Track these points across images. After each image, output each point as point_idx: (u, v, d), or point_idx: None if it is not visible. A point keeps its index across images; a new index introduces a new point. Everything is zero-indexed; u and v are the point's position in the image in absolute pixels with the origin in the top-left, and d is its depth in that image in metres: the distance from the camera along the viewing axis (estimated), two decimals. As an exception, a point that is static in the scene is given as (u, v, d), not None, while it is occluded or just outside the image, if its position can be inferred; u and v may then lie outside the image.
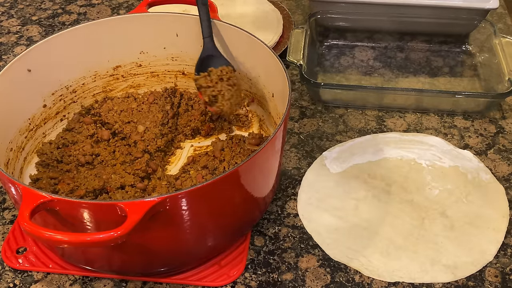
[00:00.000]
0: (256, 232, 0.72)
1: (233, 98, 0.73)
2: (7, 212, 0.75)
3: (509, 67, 0.86)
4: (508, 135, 0.85)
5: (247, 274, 0.67)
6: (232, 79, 0.74)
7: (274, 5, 1.06)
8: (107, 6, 1.14)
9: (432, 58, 0.99)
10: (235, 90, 0.74)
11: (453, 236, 0.70)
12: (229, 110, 0.73)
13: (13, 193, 0.58)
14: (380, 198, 0.75)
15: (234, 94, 0.73)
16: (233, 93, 0.73)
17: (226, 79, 0.73)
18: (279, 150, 0.65)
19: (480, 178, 0.77)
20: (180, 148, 0.81)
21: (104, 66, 0.82)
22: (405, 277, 0.67)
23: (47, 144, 0.77)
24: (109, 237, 0.51)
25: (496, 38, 0.92)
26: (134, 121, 0.80)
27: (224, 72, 0.73)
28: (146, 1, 0.79)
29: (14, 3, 1.16)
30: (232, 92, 0.73)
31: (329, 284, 0.66)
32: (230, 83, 0.73)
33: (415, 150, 0.81)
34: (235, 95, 0.73)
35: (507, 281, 0.66)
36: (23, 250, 0.70)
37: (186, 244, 0.63)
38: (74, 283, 0.67)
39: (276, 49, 0.96)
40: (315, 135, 0.85)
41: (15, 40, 1.05)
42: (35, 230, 0.51)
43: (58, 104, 0.79)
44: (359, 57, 0.99)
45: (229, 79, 0.73)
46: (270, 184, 0.68)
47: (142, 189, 0.72)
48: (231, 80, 0.73)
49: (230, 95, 0.73)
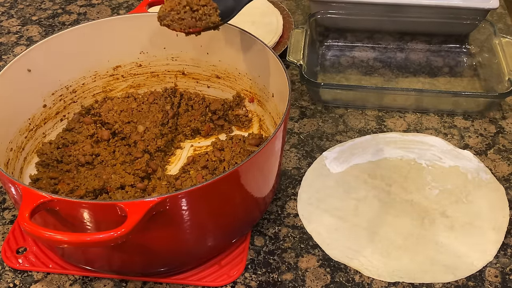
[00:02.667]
0: (256, 232, 0.72)
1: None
2: (7, 212, 0.75)
3: (509, 67, 0.86)
4: (508, 135, 0.85)
5: (247, 274, 0.67)
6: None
7: (274, 5, 1.06)
8: (107, 6, 1.14)
9: (432, 58, 0.99)
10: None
11: (453, 236, 0.70)
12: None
13: (13, 193, 0.58)
14: (380, 198, 0.75)
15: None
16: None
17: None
18: (279, 150, 0.65)
19: (480, 178, 0.77)
20: (180, 148, 0.81)
21: (104, 66, 0.82)
22: (405, 277, 0.67)
23: (47, 144, 0.77)
24: (109, 237, 0.51)
25: (496, 38, 0.92)
26: (134, 121, 0.80)
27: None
28: (146, 1, 0.79)
29: (14, 3, 1.16)
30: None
31: (329, 284, 0.66)
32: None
33: (415, 150, 0.81)
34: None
35: (507, 281, 0.66)
36: (23, 250, 0.70)
37: (186, 244, 0.63)
38: (74, 283, 0.67)
39: (276, 49, 0.96)
40: (315, 135, 0.85)
41: (15, 40, 1.05)
42: (35, 230, 0.51)
43: (58, 104, 0.79)
44: (359, 57, 0.99)
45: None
46: (270, 184, 0.68)
47: (142, 189, 0.71)
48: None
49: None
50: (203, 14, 0.66)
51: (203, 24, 0.67)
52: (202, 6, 0.66)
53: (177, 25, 0.67)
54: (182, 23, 0.67)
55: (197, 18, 0.66)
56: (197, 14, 0.66)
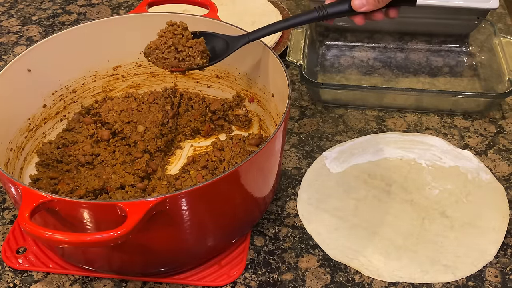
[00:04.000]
0: (256, 232, 0.72)
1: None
2: (7, 212, 0.75)
3: (509, 67, 0.86)
4: (508, 135, 0.85)
5: (247, 274, 0.67)
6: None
7: (274, 5, 1.06)
8: (107, 6, 1.14)
9: (432, 58, 0.99)
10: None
11: (453, 236, 0.70)
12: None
13: (13, 193, 0.58)
14: (380, 198, 0.75)
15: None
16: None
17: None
18: (279, 150, 0.65)
19: (480, 178, 0.77)
20: (180, 148, 0.81)
21: (104, 66, 0.82)
22: (405, 277, 0.67)
23: (47, 144, 0.77)
24: (109, 237, 0.51)
25: (496, 38, 0.92)
26: (134, 121, 0.80)
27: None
28: (146, 1, 0.79)
29: (14, 3, 1.16)
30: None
31: (329, 284, 0.66)
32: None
33: (415, 150, 0.81)
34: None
35: (507, 281, 0.66)
36: (23, 250, 0.70)
37: (186, 244, 0.63)
38: (74, 283, 0.67)
39: (276, 49, 0.96)
40: (315, 135, 0.85)
41: (15, 40, 1.05)
42: (35, 230, 0.51)
43: (58, 104, 0.79)
44: (359, 57, 0.99)
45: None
46: (270, 184, 0.68)
47: (142, 189, 0.72)
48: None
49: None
50: (186, 55, 0.67)
51: (185, 65, 0.68)
52: (187, 47, 0.67)
53: (160, 63, 0.68)
54: (165, 62, 0.68)
55: (180, 59, 0.67)
56: (180, 55, 0.67)
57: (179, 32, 0.67)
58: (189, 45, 0.67)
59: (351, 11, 0.67)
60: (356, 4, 0.65)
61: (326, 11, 0.67)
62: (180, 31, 0.68)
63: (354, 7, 0.66)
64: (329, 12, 0.67)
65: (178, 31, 0.67)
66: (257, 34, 0.69)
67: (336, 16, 0.68)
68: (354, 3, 0.66)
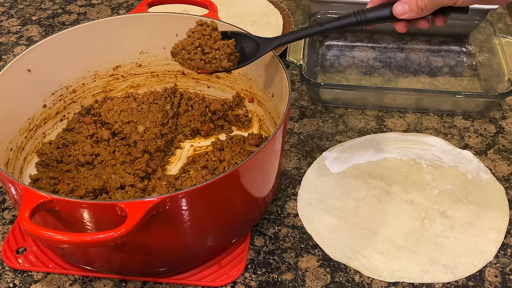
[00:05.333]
0: (256, 232, 0.72)
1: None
2: (7, 212, 0.75)
3: (509, 67, 0.86)
4: (508, 135, 0.85)
5: (247, 274, 0.67)
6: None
7: (274, 5, 1.06)
8: (107, 6, 1.14)
9: (432, 58, 0.99)
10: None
11: (453, 236, 0.70)
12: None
13: (13, 193, 0.58)
14: (380, 198, 0.75)
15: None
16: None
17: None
18: (279, 150, 0.65)
19: (480, 178, 0.77)
20: (180, 148, 0.81)
21: (104, 66, 0.82)
22: (405, 277, 0.67)
23: (47, 144, 0.77)
24: (109, 237, 0.51)
25: (496, 38, 0.92)
26: (134, 121, 0.80)
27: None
28: (146, 1, 0.79)
29: (14, 3, 1.16)
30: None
31: (329, 284, 0.66)
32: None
33: (415, 150, 0.81)
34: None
35: (507, 281, 0.66)
36: (23, 250, 0.70)
37: (186, 244, 0.63)
38: (74, 283, 0.67)
39: (276, 49, 0.96)
40: (315, 135, 0.85)
41: (15, 40, 1.05)
42: (35, 230, 0.51)
43: (58, 104, 0.79)
44: (359, 57, 0.99)
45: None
46: (270, 184, 0.68)
47: (142, 189, 0.72)
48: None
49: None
50: (213, 58, 0.65)
51: (212, 67, 0.66)
52: (215, 49, 0.65)
53: (186, 64, 0.66)
54: (191, 64, 0.66)
55: (206, 61, 0.65)
56: (207, 57, 0.65)
57: (208, 33, 0.65)
58: (216, 47, 0.65)
59: (392, 18, 0.63)
60: (398, 10, 0.61)
61: (365, 16, 0.63)
62: (208, 31, 0.65)
63: (396, 14, 0.62)
64: (368, 17, 0.63)
65: (207, 31, 0.65)
66: (289, 37, 0.67)
67: (376, 22, 0.64)
68: (396, 9, 0.62)
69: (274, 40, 0.67)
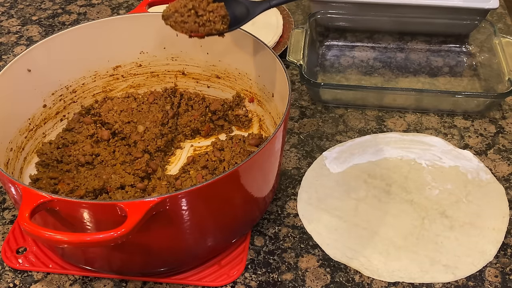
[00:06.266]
0: (256, 232, 0.72)
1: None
2: (7, 212, 0.75)
3: (509, 67, 0.86)
4: (508, 135, 0.85)
5: (247, 274, 0.67)
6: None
7: (274, 5, 1.06)
8: (107, 6, 1.14)
9: (432, 58, 0.99)
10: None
11: (453, 236, 0.70)
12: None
13: (13, 193, 0.58)
14: (380, 198, 0.75)
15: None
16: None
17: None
18: (279, 150, 0.65)
19: (480, 178, 0.77)
20: (180, 148, 0.81)
21: (104, 66, 0.82)
22: (405, 277, 0.67)
23: (47, 144, 0.77)
24: (109, 237, 0.51)
25: (496, 38, 0.92)
26: (134, 121, 0.80)
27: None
28: (146, 1, 0.79)
29: (14, 3, 1.16)
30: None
31: (329, 284, 0.66)
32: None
33: (415, 150, 0.81)
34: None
35: (507, 281, 0.66)
36: (23, 250, 0.70)
37: (186, 244, 0.63)
38: (74, 283, 0.67)
39: (276, 49, 0.96)
40: (315, 135, 0.85)
41: (15, 40, 1.05)
42: (35, 230, 0.51)
43: (58, 104, 0.79)
44: (359, 57, 0.99)
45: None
46: (270, 184, 0.68)
47: (142, 189, 0.72)
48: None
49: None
50: (207, 20, 0.65)
51: (205, 30, 0.65)
52: (208, 12, 0.65)
53: (179, 27, 0.65)
54: (184, 26, 0.65)
55: (200, 24, 0.65)
56: (201, 20, 0.65)
57: None
58: (210, 9, 0.64)
59: None
60: None
61: None
62: None
63: None
64: None
65: None
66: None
67: None
68: None
69: (264, 3, 0.67)
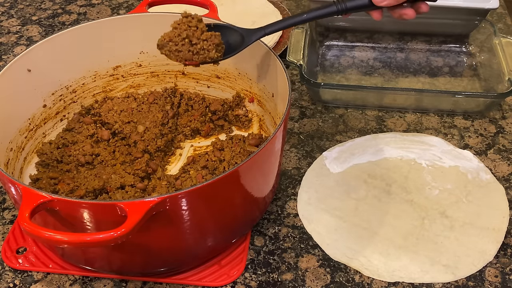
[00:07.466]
0: (256, 232, 0.72)
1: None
2: (7, 212, 0.75)
3: (509, 67, 0.86)
4: (508, 135, 0.85)
5: (247, 274, 0.67)
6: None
7: (274, 5, 1.06)
8: (107, 6, 1.14)
9: (432, 58, 0.99)
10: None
11: (453, 236, 0.70)
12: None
13: (13, 193, 0.58)
14: (380, 198, 0.75)
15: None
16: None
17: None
18: (279, 150, 0.65)
19: (480, 178, 0.77)
20: (180, 148, 0.81)
21: (104, 66, 0.82)
22: (405, 277, 0.67)
23: (47, 144, 0.77)
24: (109, 237, 0.51)
25: (496, 38, 0.92)
26: (134, 121, 0.80)
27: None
28: (146, 1, 0.79)
29: (14, 3, 1.16)
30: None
31: (329, 284, 0.66)
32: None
33: (415, 150, 0.81)
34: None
35: (507, 281, 0.66)
36: (23, 250, 0.70)
37: (186, 244, 0.63)
38: (74, 283, 0.67)
39: (276, 49, 0.96)
40: (315, 135, 0.85)
41: (15, 40, 1.05)
42: (35, 230, 0.51)
43: (58, 104, 0.79)
44: (359, 57, 0.99)
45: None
46: (270, 184, 0.68)
47: (142, 189, 0.72)
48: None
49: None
50: (201, 48, 0.65)
51: (200, 58, 0.66)
52: (202, 40, 0.65)
53: (174, 56, 0.66)
54: (178, 55, 0.66)
55: (194, 52, 0.65)
56: (195, 48, 0.65)
57: (194, 24, 0.65)
58: (204, 38, 0.65)
59: (372, 5, 0.64)
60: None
61: (345, 5, 0.65)
62: (194, 23, 0.65)
63: (375, 1, 0.63)
64: (348, 6, 0.65)
65: (193, 23, 0.65)
66: (274, 27, 0.67)
67: (356, 10, 0.65)
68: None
69: (259, 31, 0.67)
